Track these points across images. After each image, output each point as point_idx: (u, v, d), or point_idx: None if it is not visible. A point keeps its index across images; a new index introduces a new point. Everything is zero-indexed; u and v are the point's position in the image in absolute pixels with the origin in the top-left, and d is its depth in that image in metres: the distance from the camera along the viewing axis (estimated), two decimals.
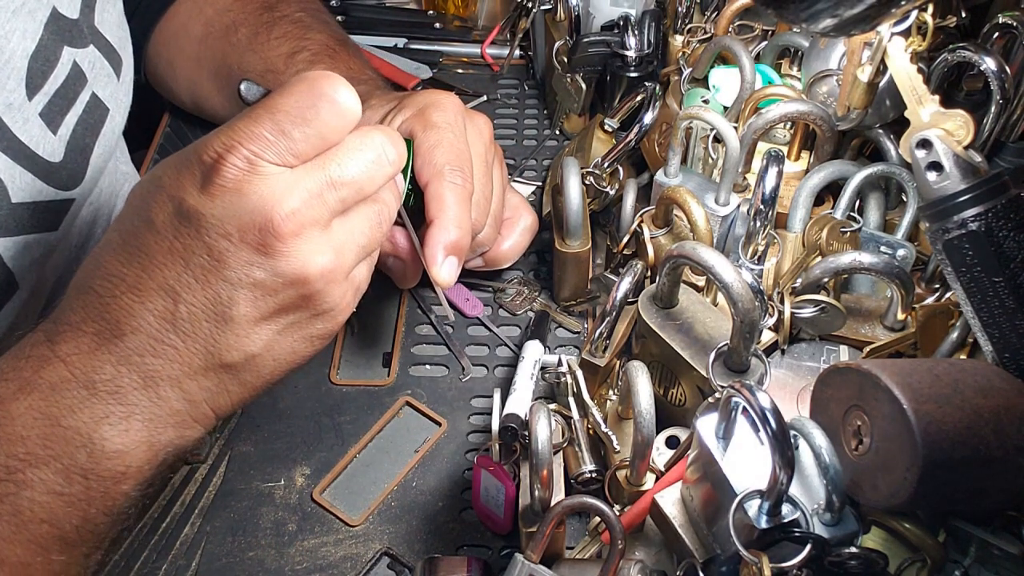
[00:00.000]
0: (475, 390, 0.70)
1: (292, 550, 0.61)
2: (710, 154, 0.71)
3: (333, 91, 0.46)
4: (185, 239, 0.46)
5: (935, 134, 0.52)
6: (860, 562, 0.45)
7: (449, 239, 0.58)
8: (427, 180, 0.59)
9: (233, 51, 0.81)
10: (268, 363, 0.50)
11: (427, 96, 0.63)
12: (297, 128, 0.46)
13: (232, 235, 0.45)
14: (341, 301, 0.50)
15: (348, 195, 0.48)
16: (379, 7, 1.05)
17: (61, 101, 0.61)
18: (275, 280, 0.47)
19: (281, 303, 0.48)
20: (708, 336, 0.57)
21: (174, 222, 0.46)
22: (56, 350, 0.47)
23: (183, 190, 0.46)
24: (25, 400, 0.46)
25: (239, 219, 0.45)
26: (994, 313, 0.51)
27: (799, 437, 0.46)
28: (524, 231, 0.73)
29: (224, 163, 0.45)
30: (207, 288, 0.46)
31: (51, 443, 0.46)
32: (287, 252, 0.46)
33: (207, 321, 0.47)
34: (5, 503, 0.46)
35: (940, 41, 0.66)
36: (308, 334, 0.50)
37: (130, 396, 0.47)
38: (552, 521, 0.50)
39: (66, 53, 0.61)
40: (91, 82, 0.64)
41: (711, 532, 0.49)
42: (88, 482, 0.47)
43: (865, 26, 0.46)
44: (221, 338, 0.47)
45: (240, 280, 0.46)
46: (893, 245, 0.65)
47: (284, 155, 0.46)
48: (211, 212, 0.45)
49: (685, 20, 0.81)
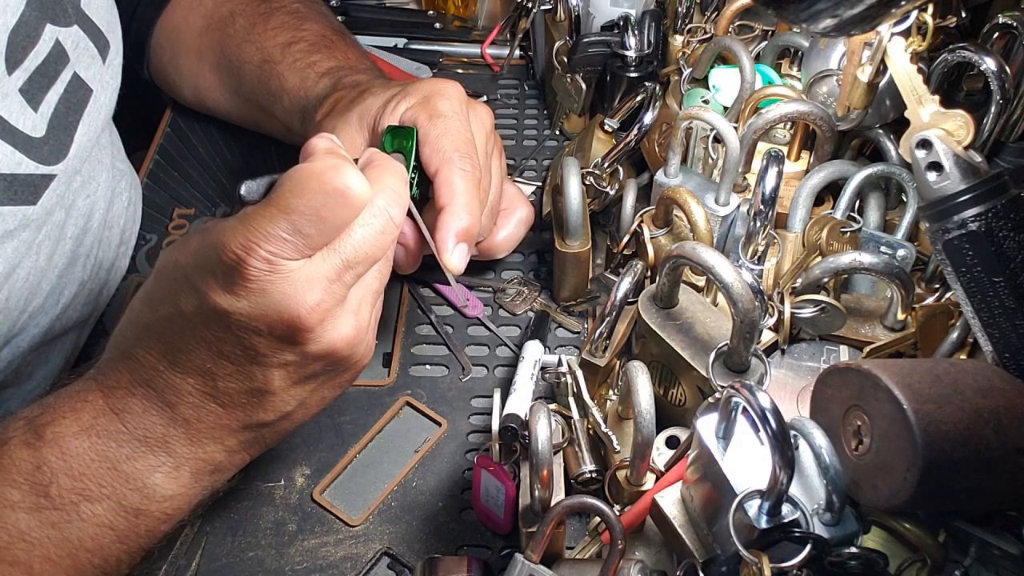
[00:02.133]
0: (475, 390, 0.70)
1: (292, 550, 0.61)
2: (710, 154, 0.71)
3: (344, 184, 0.47)
4: (215, 331, 0.48)
5: (935, 134, 0.52)
6: (860, 562, 0.45)
7: (460, 226, 0.59)
8: (436, 168, 0.60)
9: (231, 42, 0.81)
10: (300, 413, 0.53)
11: (431, 84, 0.64)
12: (312, 226, 0.47)
13: (261, 330, 0.47)
14: (366, 352, 0.53)
15: (363, 269, 0.50)
16: (379, 7, 1.05)
17: (42, 78, 0.61)
18: (305, 358, 0.50)
19: (312, 371, 0.51)
20: (708, 336, 0.57)
21: (203, 316, 0.48)
22: (111, 404, 0.50)
23: (207, 286, 0.47)
24: (86, 441, 0.50)
25: (266, 317, 0.47)
26: (994, 313, 0.51)
27: (799, 437, 0.46)
28: (520, 222, 0.73)
29: (246, 266, 0.46)
30: (241, 371, 0.49)
31: (107, 484, 0.50)
32: (315, 338, 0.49)
33: (244, 395, 0.50)
34: (57, 529, 0.49)
35: (940, 41, 0.66)
36: (337, 383, 0.54)
37: (179, 451, 0.51)
38: (552, 521, 0.50)
39: (48, 30, 0.61)
40: (73, 61, 0.64)
41: (711, 532, 0.49)
42: (137, 520, 0.51)
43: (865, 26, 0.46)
44: (259, 405, 0.51)
45: (273, 363, 0.49)
46: (893, 245, 0.65)
47: (302, 250, 0.47)
48: (238, 310, 0.47)
49: (685, 20, 0.81)
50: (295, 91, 0.75)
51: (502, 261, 0.79)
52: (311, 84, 0.75)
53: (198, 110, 0.90)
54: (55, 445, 0.49)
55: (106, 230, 0.74)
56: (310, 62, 0.76)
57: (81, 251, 0.70)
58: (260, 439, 0.53)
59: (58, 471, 0.49)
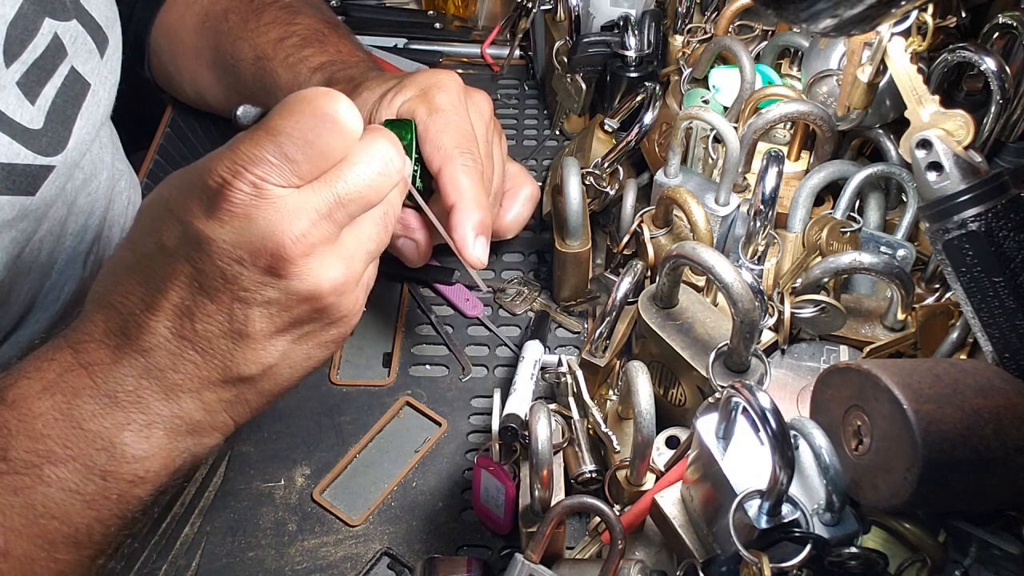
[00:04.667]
0: (475, 390, 0.70)
1: (292, 550, 0.61)
2: (710, 154, 0.71)
3: (334, 110, 0.46)
4: (196, 263, 0.46)
5: (935, 134, 0.52)
6: (860, 562, 0.45)
7: (475, 220, 0.60)
8: (439, 165, 0.60)
9: (226, 39, 0.81)
10: (284, 371, 0.50)
11: (428, 76, 0.64)
12: (300, 150, 0.45)
13: (244, 259, 0.46)
14: (353, 307, 0.51)
15: (356, 209, 0.49)
16: (379, 7, 1.05)
17: (39, 72, 0.61)
18: (289, 298, 0.47)
19: (295, 317, 0.48)
20: (708, 336, 0.57)
21: (184, 246, 0.46)
22: (79, 358, 0.48)
23: (190, 214, 0.45)
24: (48, 400, 0.47)
25: (250, 244, 0.45)
26: (994, 313, 0.51)
27: (799, 437, 0.46)
28: (526, 200, 0.72)
29: (230, 189, 0.44)
30: (221, 308, 0.47)
31: (71, 444, 0.47)
32: (299, 273, 0.47)
33: (223, 338, 0.47)
34: (20, 495, 0.46)
35: (940, 41, 0.66)
36: (322, 340, 0.51)
37: (151, 406, 0.48)
38: (552, 521, 0.50)
39: (47, 24, 0.61)
40: (71, 56, 0.64)
41: (711, 532, 0.49)
42: (106, 483, 0.48)
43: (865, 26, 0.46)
44: (238, 353, 0.48)
45: (254, 300, 0.47)
46: (893, 245, 0.65)
47: (289, 177, 0.45)
48: (221, 237, 0.45)
49: (685, 20, 0.81)
50: (288, 87, 0.75)
51: (502, 261, 0.79)
52: (303, 80, 0.75)
53: (200, 108, 0.90)
54: (15, 407, 0.47)
55: (106, 228, 0.74)
56: (302, 57, 0.76)
57: (82, 248, 0.70)
58: (242, 399, 0.50)
59: (18, 433, 0.46)
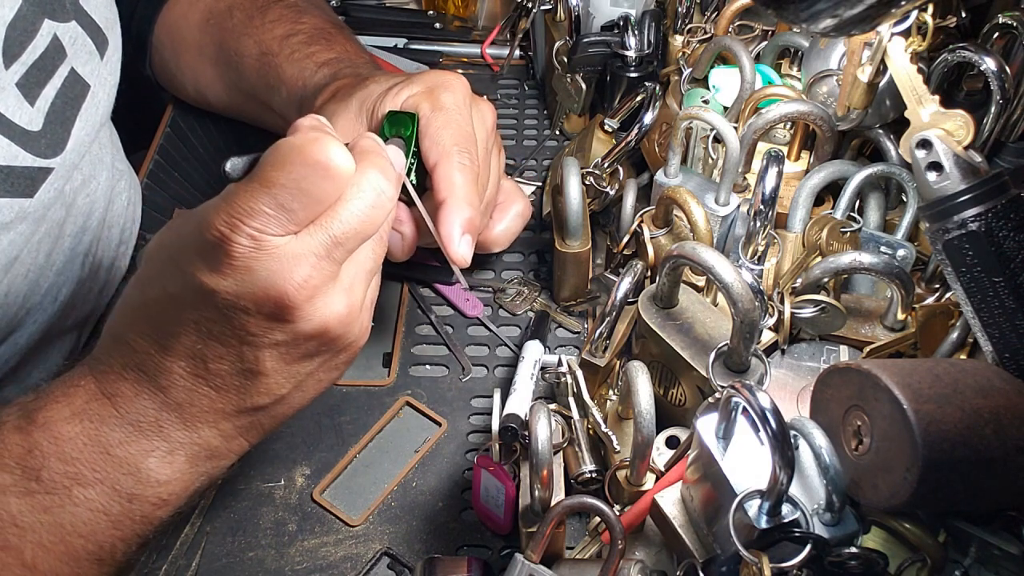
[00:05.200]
0: (475, 390, 0.70)
1: (292, 550, 0.61)
2: (710, 154, 0.71)
3: (325, 157, 0.46)
4: (203, 311, 0.47)
5: (935, 134, 0.52)
6: (860, 562, 0.45)
7: (464, 217, 0.60)
8: (436, 161, 0.60)
9: (230, 36, 0.81)
10: (296, 397, 0.52)
11: (437, 76, 0.64)
12: (295, 199, 0.45)
13: (249, 308, 0.46)
14: (360, 331, 0.52)
15: (353, 245, 0.49)
16: (379, 7, 1.05)
17: (39, 73, 0.61)
18: (296, 338, 0.48)
19: (305, 351, 0.50)
20: (708, 336, 0.57)
21: (190, 296, 0.47)
22: (103, 388, 0.49)
23: (192, 266, 0.46)
24: (78, 425, 0.49)
25: (253, 294, 0.46)
26: (994, 313, 0.51)
27: (799, 437, 0.46)
28: (517, 216, 0.73)
29: (229, 243, 0.45)
30: (231, 350, 0.48)
31: (99, 468, 0.49)
32: (305, 316, 0.47)
33: (237, 376, 0.49)
34: (49, 514, 0.48)
35: (940, 41, 0.66)
36: (333, 365, 0.52)
37: (173, 435, 0.50)
38: (552, 521, 0.50)
39: (46, 25, 0.61)
40: (71, 57, 0.64)
41: (711, 532, 0.49)
42: (131, 505, 0.50)
43: (865, 26, 0.46)
44: (252, 387, 0.50)
45: (262, 343, 0.48)
46: (893, 245, 0.65)
47: (287, 225, 0.46)
48: (224, 289, 0.46)
49: (685, 20, 0.81)
50: (293, 82, 0.75)
51: (502, 261, 0.79)
52: (309, 75, 0.75)
53: (200, 106, 0.90)
54: (47, 429, 0.48)
55: (105, 229, 0.74)
56: (308, 53, 0.77)
57: (80, 249, 0.70)
58: (257, 424, 0.52)
59: (49, 455, 0.48)
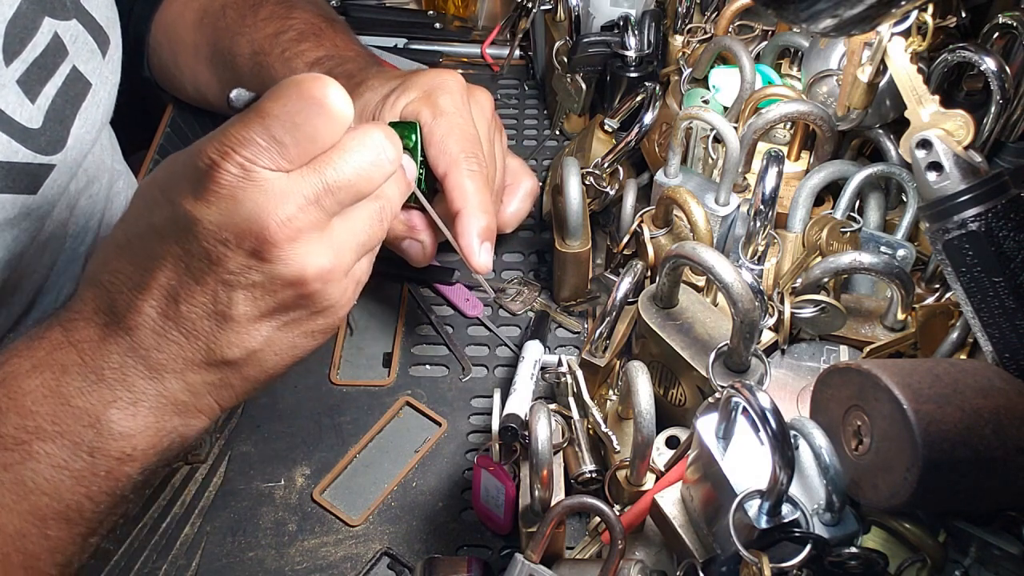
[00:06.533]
0: (475, 390, 0.70)
1: (292, 550, 0.61)
2: (710, 154, 0.71)
3: (322, 94, 0.46)
4: (184, 243, 0.46)
5: (935, 134, 0.52)
6: (860, 562, 0.45)
7: (481, 226, 0.60)
8: (445, 170, 0.60)
9: (224, 35, 0.82)
10: (270, 357, 0.50)
11: (431, 78, 0.64)
12: (288, 133, 0.45)
13: (229, 241, 0.46)
14: (341, 298, 0.51)
15: (345, 197, 0.48)
16: (379, 7, 1.05)
17: (40, 71, 0.61)
18: (273, 282, 0.47)
19: (280, 302, 0.48)
20: (708, 336, 0.57)
21: (173, 226, 0.46)
22: (69, 336, 0.49)
23: (180, 195, 0.46)
24: (37, 378, 0.48)
25: (235, 226, 0.45)
26: (994, 313, 0.51)
27: (799, 437, 0.46)
28: (526, 196, 0.72)
29: (218, 170, 0.45)
30: (206, 289, 0.47)
31: (60, 420, 0.48)
32: (283, 257, 0.46)
33: (208, 319, 0.48)
34: (9, 472, 0.47)
35: (940, 41, 0.66)
36: (308, 329, 0.51)
37: (137, 384, 0.49)
38: (552, 521, 0.50)
39: (47, 23, 0.61)
40: (72, 55, 0.64)
41: (711, 532, 0.49)
42: (94, 459, 0.48)
43: (865, 26, 0.46)
44: (222, 335, 0.48)
45: (238, 282, 0.47)
46: (893, 245, 0.65)
47: (277, 160, 0.45)
48: (207, 218, 0.45)
49: (685, 20, 0.81)
50: None
51: (502, 261, 0.79)
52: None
53: (201, 106, 0.90)
54: (6, 385, 0.48)
55: (104, 229, 0.74)
56: (298, 51, 0.76)
57: (81, 250, 0.70)
58: (226, 383, 0.50)
59: (7, 410, 0.47)
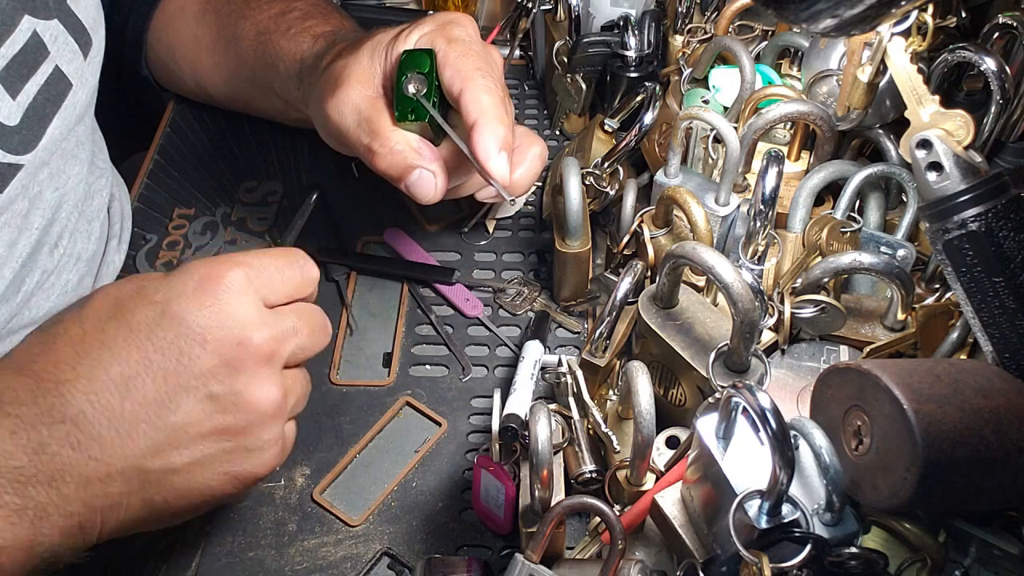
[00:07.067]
0: (475, 390, 0.70)
1: (292, 550, 0.61)
2: (710, 154, 0.71)
3: (304, 259, 0.54)
4: (158, 340, 0.48)
5: (935, 134, 0.52)
6: (860, 562, 0.45)
7: (499, 135, 0.60)
8: (461, 87, 0.61)
9: (227, 21, 0.82)
10: (178, 486, 0.49)
11: (443, 15, 0.66)
12: (279, 271, 0.52)
13: (208, 343, 0.48)
14: (272, 445, 0.51)
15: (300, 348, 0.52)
16: (379, 7, 1.05)
17: (20, 68, 0.61)
18: (227, 397, 0.49)
19: (221, 424, 0.49)
20: (708, 336, 0.57)
21: (153, 324, 0.48)
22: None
23: (174, 293, 0.49)
24: None
25: (219, 331, 0.48)
26: (994, 313, 0.51)
27: (799, 437, 0.46)
28: (535, 158, 0.71)
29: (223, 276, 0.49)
30: (160, 390, 0.47)
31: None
32: (250, 374, 0.49)
33: (146, 423, 0.47)
34: None
35: (940, 41, 0.66)
36: (229, 470, 0.50)
37: (30, 489, 0.45)
38: (552, 521, 0.50)
39: (26, 21, 0.62)
40: (54, 55, 0.64)
41: (711, 532, 0.49)
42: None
43: (865, 26, 0.46)
44: (150, 442, 0.47)
45: (195, 388, 0.48)
46: (893, 245, 0.65)
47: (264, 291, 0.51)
48: (195, 319, 0.48)
49: (685, 20, 0.81)
50: (290, 55, 0.76)
51: (502, 260, 0.79)
52: (307, 47, 0.75)
53: (200, 100, 0.90)
54: None
55: (83, 223, 0.73)
56: (305, 27, 0.77)
57: (47, 240, 0.69)
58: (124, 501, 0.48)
59: None
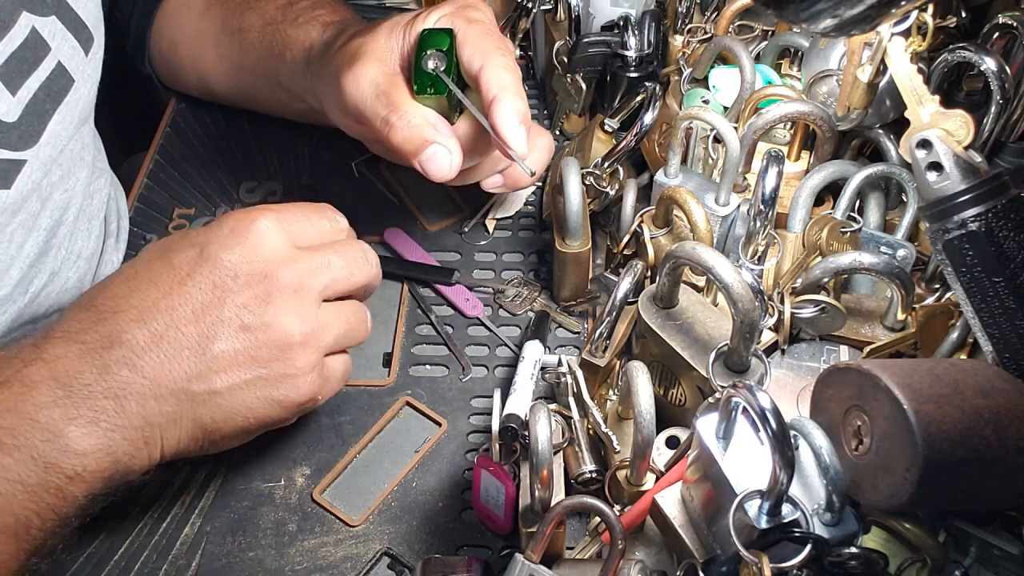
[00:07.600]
0: (475, 390, 0.70)
1: (292, 550, 0.61)
2: (710, 154, 0.71)
3: (333, 211, 0.60)
4: (196, 276, 0.54)
5: (935, 134, 0.52)
6: (860, 562, 0.45)
7: (518, 109, 0.62)
8: (480, 64, 0.63)
9: (233, 13, 0.82)
10: (224, 408, 0.54)
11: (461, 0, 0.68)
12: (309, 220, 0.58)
13: (239, 278, 0.54)
14: (309, 372, 0.55)
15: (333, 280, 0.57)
16: (379, 7, 1.05)
17: (20, 64, 0.61)
18: (258, 327, 0.54)
19: (256, 352, 0.54)
20: (708, 336, 0.57)
21: (192, 261, 0.54)
22: (41, 353, 0.51)
23: (210, 238, 0.55)
24: (3, 392, 0.49)
25: (249, 266, 0.54)
26: (994, 313, 0.51)
27: (799, 437, 0.46)
28: (543, 149, 0.72)
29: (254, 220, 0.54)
30: (200, 321, 0.53)
31: (18, 434, 0.49)
32: (279, 305, 0.54)
33: (188, 349, 0.53)
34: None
35: (940, 41, 0.66)
36: (267, 395, 0.55)
37: (100, 402, 0.51)
38: (552, 521, 0.50)
39: (24, 17, 0.62)
40: (55, 51, 0.64)
41: (711, 532, 0.49)
42: (47, 475, 0.49)
43: (865, 26, 0.46)
44: (194, 367, 0.53)
45: (230, 319, 0.53)
46: (893, 245, 0.65)
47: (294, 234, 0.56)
48: (228, 258, 0.54)
49: (685, 20, 0.81)
50: (298, 43, 0.76)
51: (502, 260, 0.79)
52: (316, 34, 0.76)
53: (203, 96, 0.90)
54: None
55: (83, 221, 0.73)
56: (314, 16, 0.78)
57: (54, 242, 0.69)
58: (179, 419, 0.53)
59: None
